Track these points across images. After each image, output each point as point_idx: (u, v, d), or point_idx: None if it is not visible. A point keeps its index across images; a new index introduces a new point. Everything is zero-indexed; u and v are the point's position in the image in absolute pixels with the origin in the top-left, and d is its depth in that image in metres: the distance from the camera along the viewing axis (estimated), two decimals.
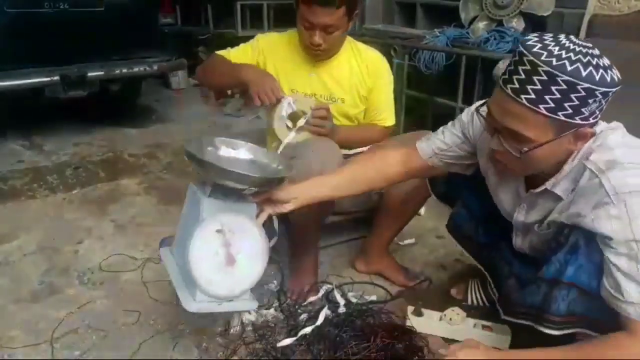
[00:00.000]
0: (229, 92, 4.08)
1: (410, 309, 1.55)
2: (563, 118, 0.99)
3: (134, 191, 2.60)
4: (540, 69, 0.97)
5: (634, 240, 0.99)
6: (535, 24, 2.85)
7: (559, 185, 1.13)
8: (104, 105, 3.88)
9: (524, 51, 1.00)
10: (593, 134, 1.05)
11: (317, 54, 1.77)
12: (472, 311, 1.57)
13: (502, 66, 2.44)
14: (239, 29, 5.00)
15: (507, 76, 1.04)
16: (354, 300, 1.68)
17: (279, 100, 1.67)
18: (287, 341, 1.44)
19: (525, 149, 1.04)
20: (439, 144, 1.38)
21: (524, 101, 1.00)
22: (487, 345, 1.26)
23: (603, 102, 0.99)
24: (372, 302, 1.68)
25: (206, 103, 4.39)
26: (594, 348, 1.07)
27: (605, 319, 1.10)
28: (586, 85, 0.95)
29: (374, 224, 1.85)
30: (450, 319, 1.51)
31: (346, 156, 1.83)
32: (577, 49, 0.97)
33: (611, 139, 1.08)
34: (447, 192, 1.59)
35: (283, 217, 1.56)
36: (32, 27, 2.94)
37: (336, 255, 2.01)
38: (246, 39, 1.91)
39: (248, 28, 5.09)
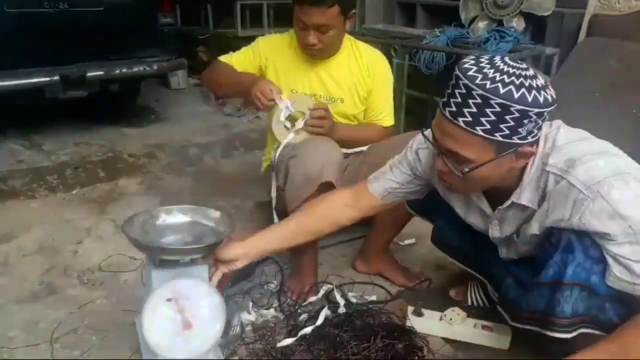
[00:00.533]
0: None
1: (410, 309, 1.55)
2: (501, 139, 1.02)
3: (133, 191, 2.60)
4: (474, 92, 0.99)
5: (628, 226, 1.00)
6: (536, 23, 2.86)
7: (523, 195, 1.16)
8: (103, 105, 3.87)
9: (460, 75, 1.02)
10: (533, 153, 1.08)
11: (313, 53, 1.78)
12: (473, 311, 1.56)
13: None
14: (239, 29, 5.00)
15: (445, 99, 1.06)
16: (354, 300, 1.68)
17: (273, 100, 1.66)
18: (287, 341, 1.44)
19: (467, 169, 1.07)
20: (391, 184, 1.40)
21: (462, 124, 1.02)
22: None
23: (539, 121, 1.02)
24: (372, 302, 1.68)
25: (206, 103, 4.38)
26: (629, 335, 1.02)
27: (605, 315, 1.11)
28: (519, 107, 0.98)
29: (373, 224, 1.84)
30: (451, 319, 1.51)
31: (345, 155, 1.82)
32: (511, 71, 1.00)
33: (560, 139, 1.11)
34: (423, 207, 1.59)
35: (284, 217, 1.56)
36: (32, 27, 2.92)
37: (336, 255, 2.00)
38: (246, 38, 1.92)
39: (248, 28, 5.09)
